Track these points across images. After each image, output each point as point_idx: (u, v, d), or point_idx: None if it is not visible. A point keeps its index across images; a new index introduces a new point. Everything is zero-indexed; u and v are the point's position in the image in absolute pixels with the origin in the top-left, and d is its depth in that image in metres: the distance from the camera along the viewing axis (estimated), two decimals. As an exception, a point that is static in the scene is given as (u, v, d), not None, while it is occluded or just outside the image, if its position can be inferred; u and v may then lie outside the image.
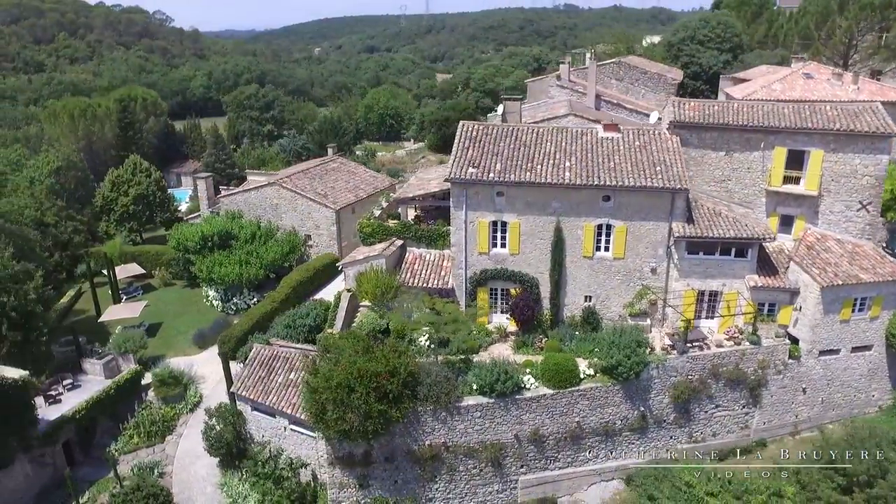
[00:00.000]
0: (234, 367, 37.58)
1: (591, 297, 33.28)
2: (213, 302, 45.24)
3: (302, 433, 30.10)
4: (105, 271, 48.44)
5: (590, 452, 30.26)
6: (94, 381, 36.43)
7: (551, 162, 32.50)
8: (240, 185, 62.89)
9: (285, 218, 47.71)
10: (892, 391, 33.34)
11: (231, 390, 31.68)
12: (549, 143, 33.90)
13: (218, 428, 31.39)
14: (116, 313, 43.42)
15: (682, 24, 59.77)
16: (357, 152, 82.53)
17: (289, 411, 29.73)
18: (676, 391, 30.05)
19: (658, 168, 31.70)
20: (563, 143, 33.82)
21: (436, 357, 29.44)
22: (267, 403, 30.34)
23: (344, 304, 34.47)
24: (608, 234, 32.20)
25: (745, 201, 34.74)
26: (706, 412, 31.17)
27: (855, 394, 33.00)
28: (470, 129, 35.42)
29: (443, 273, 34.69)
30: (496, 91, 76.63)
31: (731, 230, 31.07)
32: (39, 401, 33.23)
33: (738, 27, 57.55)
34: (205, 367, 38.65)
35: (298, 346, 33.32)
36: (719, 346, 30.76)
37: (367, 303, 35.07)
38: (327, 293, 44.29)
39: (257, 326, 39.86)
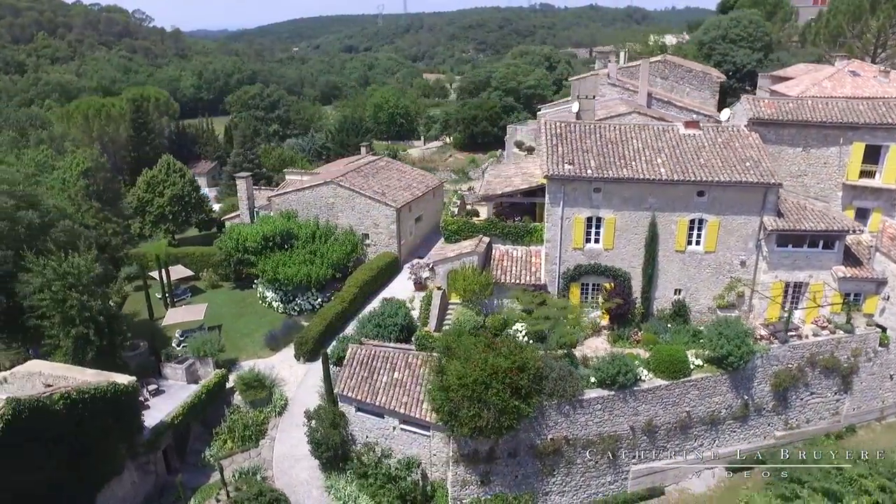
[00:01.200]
0: (300, 366, 37.70)
1: (680, 291, 34.09)
2: (273, 303, 44.73)
3: (414, 432, 30.13)
4: (152, 274, 47.60)
5: (696, 441, 31.02)
6: (175, 386, 35.87)
7: (643, 158, 33.18)
8: (269, 185, 62.27)
9: (341, 217, 47.44)
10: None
11: (336, 391, 31.48)
12: (635, 140, 34.59)
13: (322, 430, 31.23)
14: (178, 317, 42.67)
15: (711, 23, 61.13)
16: (378, 152, 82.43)
17: (402, 410, 29.75)
18: (777, 379, 30.99)
19: (748, 164, 32.61)
20: (649, 140, 34.54)
21: (545, 352, 29.83)
22: (377, 403, 30.28)
23: (436, 302, 34.74)
24: (700, 229, 33.01)
25: (821, 195, 35.93)
26: (801, 399, 32.21)
27: (935, 379, 34.42)
28: (555, 126, 35.93)
29: (533, 269, 35.08)
30: (517, 90, 77.21)
31: (821, 223, 32.13)
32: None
33: (767, 26, 59.28)
34: (282, 369, 38.24)
35: (395, 345, 33.34)
36: (815, 335, 31.75)
37: (456, 300, 35.38)
38: (390, 292, 44.43)
39: (331, 327, 39.86)
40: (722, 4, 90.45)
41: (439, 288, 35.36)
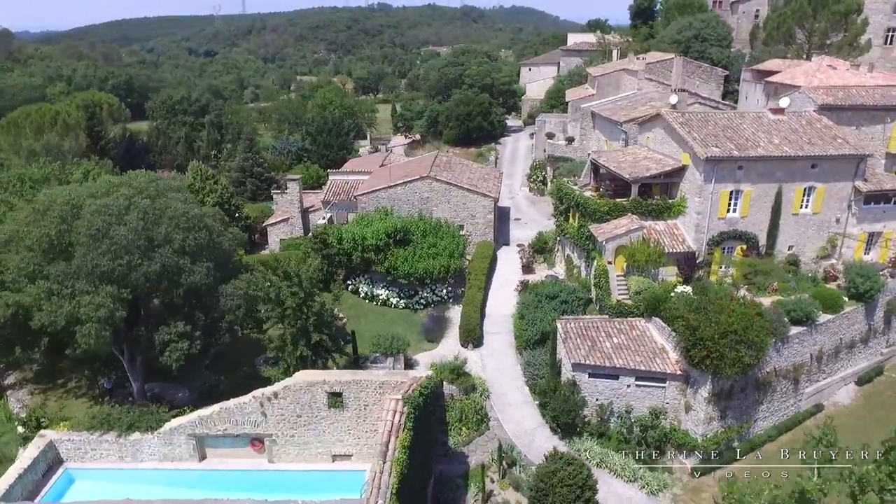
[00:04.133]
0: (469, 352, 40.01)
1: (792, 247, 41.63)
2: (390, 300, 45.55)
3: (649, 386, 34.27)
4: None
5: (840, 363, 38.69)
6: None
7: (766, 139, 40.13)
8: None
9: (436, 210, 49.24)
10: None
11: (571, 362, 34.45)
12: (743, 125, 41.46)
13: (557, 402, 34.17)
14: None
15: (685, 23, 70.62)
16: (359, 151, 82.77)
17: (642, 367, 33.76)
18: (889, 307, 39.66)
19: (838, 141, 40.92)
20: (753, 125, 41.62)
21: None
22: (615, 365, 33.94)
23: (612, 275, 38.98)
24: (810, 195, 40.75)
25: (870, 163, 45.50)
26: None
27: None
28: (678, 116, 41.75)
29: (680, 239, 40.58)
30: (492, 86, 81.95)
31: (896, 184, 41.38)
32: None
33: (728, 26, 70.31)
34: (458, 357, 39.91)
35: (596, 316, 37.14)
36: (905, 270, 40.94)
37: (619, 272, 39.82)
38: (499, 276, 47.71)
39: (482, 313, 42.39)
40: (635, 8, 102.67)
41: (609, 262, 39.53)
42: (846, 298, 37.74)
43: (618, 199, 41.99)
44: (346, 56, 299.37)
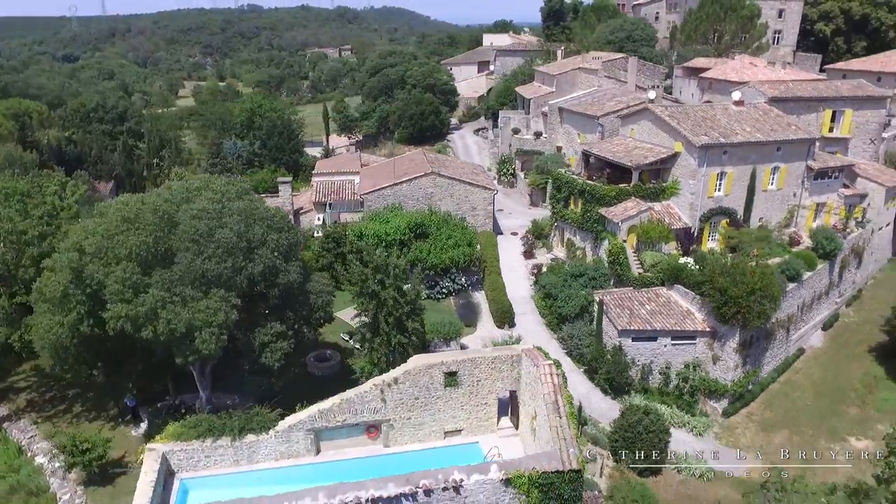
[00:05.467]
0: (514, 332, 43.36)
1: (762, 218, 48.60)
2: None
3: (682, 344, 39.20)
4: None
5: (813, 312, 45.99)
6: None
7: (739, 127, 46.64)
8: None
9: (440, 204, 51.55)
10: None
11: (618, 328, 38.51)
12: (717, 116, 47.85)
13: (608, 366, 38.27)
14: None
15: (617, 25, 77.40)
16: (311, 153, 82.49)
17: (677, 328, 38.60)
18: (843, 263, 47.59)
19: (793, 127, 48.40)
20: (723, 114, 48.11)
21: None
22: (656, 328, 38.52)
23: (630, 252, 43.69)
24: (775, 173, 47.83)
25: (804, 146, 53.76)
26: (846, 276, 49.41)
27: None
28: (665, 109, 47.37)
29: (676, 217, 46.08)
30: (434, 86, 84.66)
31: (837, 162, 49.55)
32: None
33: (652, 28, 78.07)
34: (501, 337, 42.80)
35: (625, 288, 41.60)
36: (850, 231, 49.04)
37: (630, 248, 44.65)
38: (504, 262, 51.08)
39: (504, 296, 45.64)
40: (547, 10, 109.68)
41: (624, 241, 44.14)
42: (817, 258, 44.99)
43: (621, 185, 46.74)
44: (223, 59, 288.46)
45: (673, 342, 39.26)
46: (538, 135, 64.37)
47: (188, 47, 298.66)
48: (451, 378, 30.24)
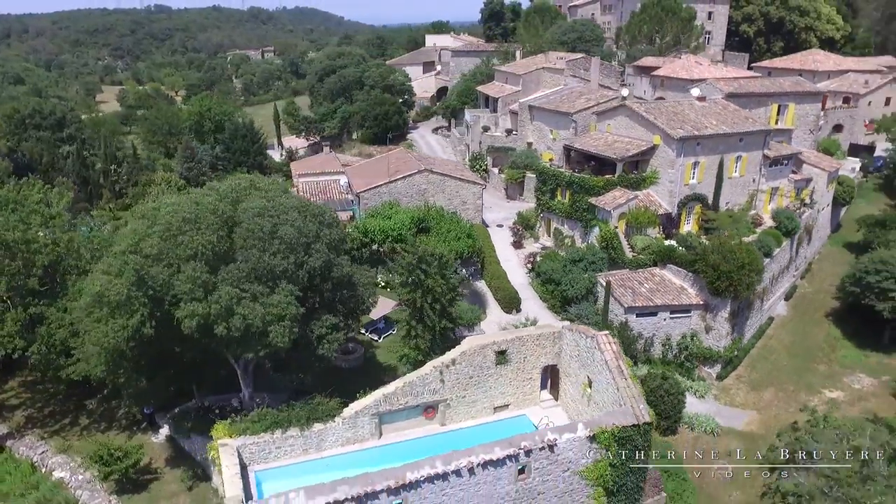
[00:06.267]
0: (515, 317, 46.25)
1: (728, 202, 53.75)
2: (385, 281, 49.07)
3: (678, 317, 43.21)
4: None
5: (778, 285, 51.42)
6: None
7: (706, 121, 51.49)
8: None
9: (432, 200, 53.59)
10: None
11: (625, 306, 41.97)
12: (685, 111, 52.59)
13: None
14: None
15: (568, 26, 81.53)
16: (275, 157, 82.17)
17: (675, 302, 42.57)
18: (799, 240, 53.43)
19: (751, 120, 53.84)
20: (689, 108, 52.93)
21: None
22: (657, 304, 42.32)
23: (622, 237, 47.46)
24: (738, 162, 53.06)
25: (754, 136, 59.60)
26: (800, 251, 55.34)
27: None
28: (641, 105, 51.60)
29: (657, 204, 50.27)
30: (392, 86, 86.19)
31: (787, 151, 55.46)
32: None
33: (600, 29, 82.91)
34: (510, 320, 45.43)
35: (623, 270, 45.22)
36: (804, 212, 55.00)
37: (621, 233, 48.47)
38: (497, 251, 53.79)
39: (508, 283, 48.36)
40: (488, 12, 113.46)
41: (615, 227, 47.83)
42: (781, 236, 50.43)
43: (607, 176, 50.48)
44: (136, 62, 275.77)
45: (671, 316, 43.24)
46: (509, 132, 67.49)
47: (96, 49, 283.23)
48: (502, 356, 32.58)
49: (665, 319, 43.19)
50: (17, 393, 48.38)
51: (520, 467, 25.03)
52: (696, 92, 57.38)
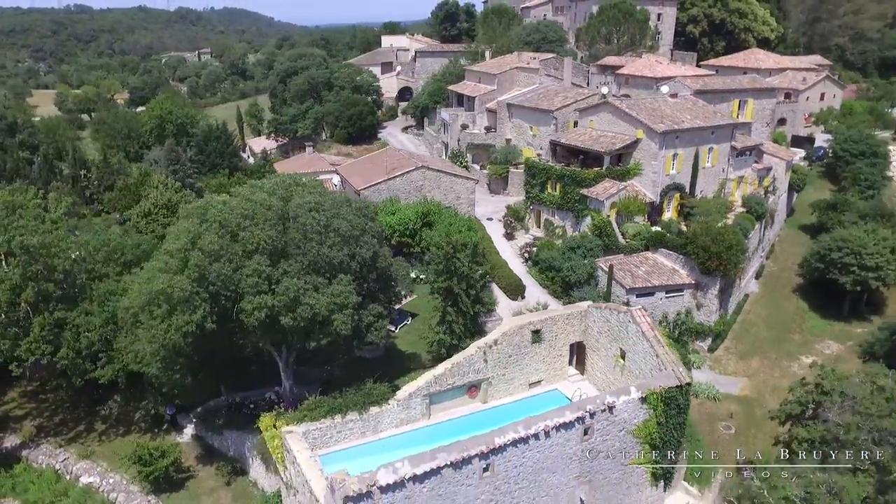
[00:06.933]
0: (520, 303, 49.02)
1: (702, 191, 58.21)
2: (421, 276, 51.03)
3: (673, 295, 46.90)
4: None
5: (751, 263, 56.14)
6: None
7: (681, 115, 55.71)
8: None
9: (428, 195, 55.61)
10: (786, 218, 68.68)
11: (627, 287, 45.25)
12: (661, 107, 56.72)
13: (620, 317, 44.97)
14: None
15: (533, 27, 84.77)
16: (250, 159, 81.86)
17: (670, 282, 46.24)
18: (765, 224, 58.45)
19: (719, 115, 58.50)
20: (667, 105, 57.11)
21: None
22: (655, 284, 45.86)
23: (615, 225, 50.92)
24: (711, 153, 57.59)
25: (718, 130, 64.59)
26: (767, 234, 60.45)
27: (773, 216, 67.48)
28: (623, 102, 55.31)
29: (642, 194, 54.03)
30: (360, 87, 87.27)
31: (752, 142, 60.51)
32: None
33: (562, 30, 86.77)
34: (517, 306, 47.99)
35: (619, 255, 48.62)
36: (768, 197, 60.10)
37: (612, 219, 51.94)
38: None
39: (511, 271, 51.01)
40: (438, 14, 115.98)
41: (608, 216, 51.21)
42: (752, 219, 55.20)
43: (596, 169, 53.83)
44: (59, 64, 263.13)
45: (667, 295, 46.88)
46: (488, 129, 70.13)
47: (14, 51, 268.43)
48: (537, 335, 35.07)
49: (661, 299, 46.78)
50: (19, 403, 47.38)
51: (584, 428, 27.54)
52: (665, 89, 61.67)
